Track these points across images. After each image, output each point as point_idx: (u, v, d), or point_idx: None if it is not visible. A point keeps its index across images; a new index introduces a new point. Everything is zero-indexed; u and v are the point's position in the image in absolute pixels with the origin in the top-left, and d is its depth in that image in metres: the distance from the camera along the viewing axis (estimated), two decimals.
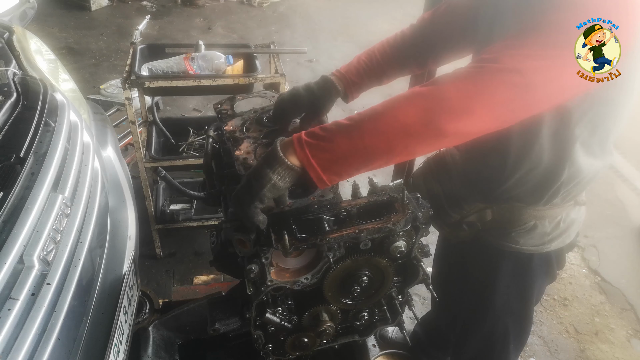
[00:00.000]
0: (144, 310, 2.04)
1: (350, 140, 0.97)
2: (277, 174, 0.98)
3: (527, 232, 1.37)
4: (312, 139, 0.98)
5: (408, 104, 0.96)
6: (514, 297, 1.52)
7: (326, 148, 0.97)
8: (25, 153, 1.40)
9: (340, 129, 0.98)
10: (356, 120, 0.98)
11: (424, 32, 1.43)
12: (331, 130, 0.99)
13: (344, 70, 1.43)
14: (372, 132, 0.96)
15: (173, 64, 2.32)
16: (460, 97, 0.92)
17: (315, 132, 1.00)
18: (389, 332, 2.22)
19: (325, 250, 1.07)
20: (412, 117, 0.94)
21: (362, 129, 0.97)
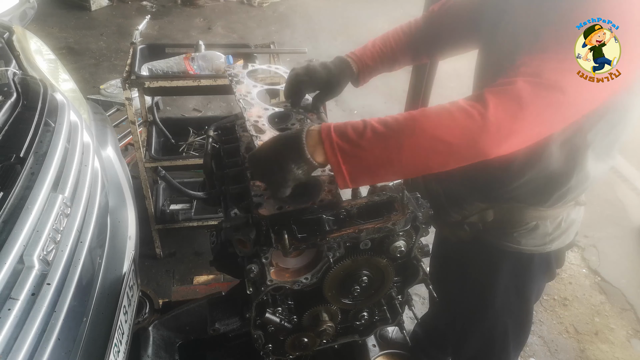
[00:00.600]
0: (144, 310, 2.04)
1: (386, 153, 0.94)
2: (301, 170, 0.99)
3: (528, 233, 1.37)
4: (346, 144, 0.95)
5: (453, 122, 0.92)
6: (514, 297, 1.52)
7: (360, 156, 0.95)
8: (25, 153, 1.40)
9: (377, 138, 0.94)
10: (394, 130, 0.94)
11: (432, 23, 1.44)
12: (366, 138, 0.94)
13: (359, 53, 1.42)
14: (411, 147, 0.94)
15: (173, 64, 2.32)
16: (507, 120, 0.90)
17: (348, 134, 0.95)
18: (389, 332, 2.22)
19: (325, 250, 1.07)
20: (457, 137, 0.92)
21: (400, 143, 0.93)
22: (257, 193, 1.15)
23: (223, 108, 4.58)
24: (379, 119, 0.97)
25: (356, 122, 0.97)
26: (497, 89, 0.93)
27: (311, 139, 0.98)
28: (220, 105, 4.62)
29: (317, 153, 0.97)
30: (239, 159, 1.33)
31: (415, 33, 1.44)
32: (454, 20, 1.40)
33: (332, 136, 0.95)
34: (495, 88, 0.93)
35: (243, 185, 1.23)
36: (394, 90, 4.66)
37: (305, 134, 0.98)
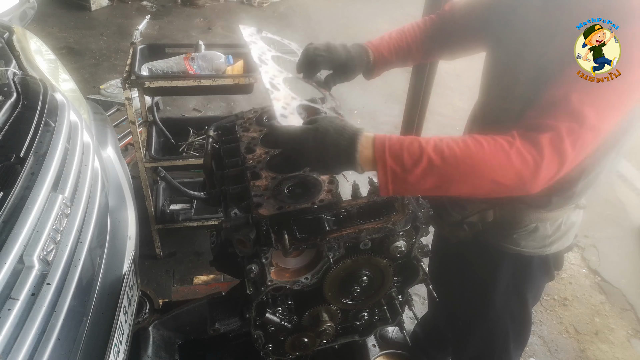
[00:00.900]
0: (144, 310, 2.04)
1: (437, 184, 0.97)
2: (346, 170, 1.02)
3: (528, 234, 1.36)
4: (399, 168, 0.96)
5: (509, 166, 0.95)
6: (514, 298, 1.52)
7: (410, 182, 0.97)
8: (25, 153, 1.40)
9: (431, 170, 0.95)
10: (451, 165, 0.95)
11: (445, 23, 1.44)
12: (421, 167, 0.95)
13: (376, 43, 1.40)
14: (463, 184, 0.98)
15: (173, 64, 2.32)
16: (557, 168, 0.97)
17: (404, 160, 0.95)
18: (389, 332, 2.22)
19: (325, 250, 1.07)
20: (509, 180, 0.96)
21: (453, 179, 0.97)
22: (257, 193, 1.15)
23: (223, 108, 4.58)
24: (436, 146, 0.96)
25: (412, 146, 0.96)
26: (550, 136, 0.96)
27: (364, 152, 0.97)
28: (220, 105, 4.62)
29: (368, 166, 0.98)
30: (239, 159, 1.33)
31: (430, 30, 1.43)
32: (463, 22, 1.40)
33: (386, 158, 0.96)
34: (548, 135, 0.96)
35: (243, 185, 1.23)
36: (394, 90, 4.66)
37: (359, 145, 0.97)
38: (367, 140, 0.97)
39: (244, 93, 3.08)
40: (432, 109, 2.73)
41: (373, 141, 0.97)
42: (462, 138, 0.99)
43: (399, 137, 0.99)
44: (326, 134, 0.96)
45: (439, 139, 0.99)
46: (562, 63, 1.03)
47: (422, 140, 0.98)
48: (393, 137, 0.99)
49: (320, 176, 1.19)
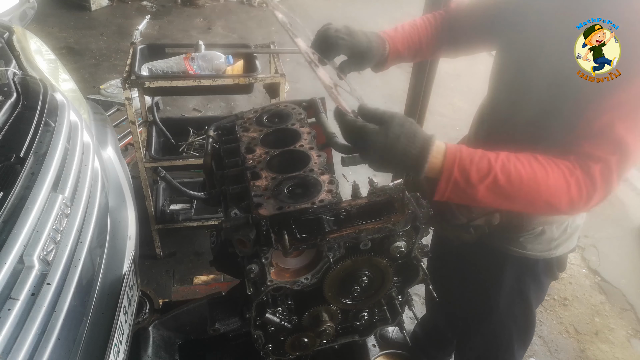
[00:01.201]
0: (144, 310, 2.04)
1: (496, 202, 1.02)
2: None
3: (534, 238, 1.35)
4: (463, 182, 0.98)
5: (566, 195, 1.01)
6: (517, 300, 1.51)
7: (469, 194, 1.00)
8: (25, 153, 1.40)
9: (495, 189, 0.99)
10: (515, 188, 0.99)
11: (455, 20, 1.41)
12: (485, 184, 0.98)
13: (392, 34, 1.35)
14: (519, 202, 1.03)
15: (173, 64, 2.32)
16: (604, 196, 1.02)
17: (470, 175, 0.98)
18: (389, 332, 2.22)
19: (325, 250, 1.07)
20: (563, 205, 1.02)
21: (511, 198, 1.01)
22: (257, 193, 1.15)
23: (223, 108, 4.58)
24: (504, 165, 0.99)
25: (481, 162, 0.99)
26: (601, 169, 1.00)
27: (433, 161, 0.98)
28: (220, 105, 4.62)
29: (431, 172, 0.99)
30: (239, 159, 1.33)
31: (439, 27, 1.40)
32: (472, 20, 1.38)
33: (453, 170, 0.98)
34: (599, 167, 1.00)
35: (243, 185, 1.23)
36: (394, 90, 4.66)
37: (430, 155, 0.97)
38: (439, 150, 0.98)
39: (244, 93, 3.08)
40: (432, 109, 2.73)
41: (445, 153, 0.98)
42: (528, 159, 1.01)
43: (469, 151, 1.00)
44: (397, 140, 0.94)
45: (506, 157, 1.01)
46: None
47: (492, 156, 1.00)
48: (464, 149, 1.00)
49: (320, 176, 1.19)
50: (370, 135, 0.95)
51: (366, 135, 0.95)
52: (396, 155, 0.95)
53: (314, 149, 1.28)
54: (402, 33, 1.36)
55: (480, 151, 1.02)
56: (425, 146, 0.96)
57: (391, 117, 0.96)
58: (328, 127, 1.39)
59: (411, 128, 0.97)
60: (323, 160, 1.24)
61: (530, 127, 1.20)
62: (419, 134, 0.97)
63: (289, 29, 1.26)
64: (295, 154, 1.28)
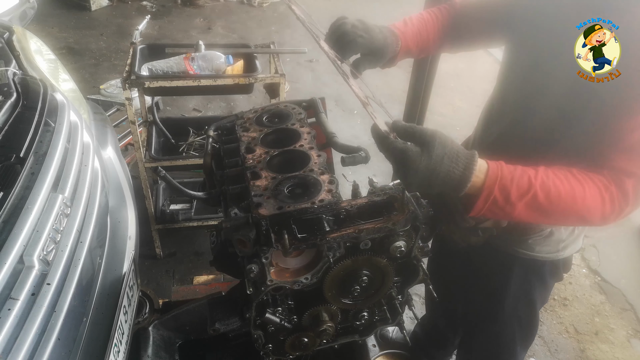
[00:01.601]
0: (144, 310, 2.04)
1: (531, 214, 1.02)
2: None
3: (543, 239, 1.34)
4: (502, 199, 0.97)
5: (600, 209, 1.02)
6: (523, 302, 1.50)
7: (506, 211, 1.00)
8: (25, 153, 1.40)
9: (533, 206, 0.99)
10: (553, 205, 1.00)
11: (463, 15, 1.37)
12: (524, 202, 0.98)
13: (402, 29, 1.30)
14: (554, 217, 1.05)
15: (173, 64, 2.32)
16: (634, 209, 1.04)
17: (510, 193, 0.97)
18: (389, 332, 2.22)
19: (325, 250, 1.07)
20: (596, 218, 1.04)
21: (548, 213, 1.02)
22: (257, 193, 1.15)
23: (223, 108, 4.58)
24: (543, 183, 0.98)
25: (522, 180, 0.98)
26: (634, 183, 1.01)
27: (475, 180, 0.95)
28: (220, 105, 4.62)
29: (471, 190, 0.97)
30: (239, 159, 1.33)
31: (446, 21, 1.36)
32: (482, 16, 1.34)
33: (494, 189, 0.96)
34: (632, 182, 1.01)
35: (243, 185, 1.23)
36: (394, 90, 4.66)
37: (473, 176, 0.95)
38: (481, 169, 0.96)
39: (244, 93, 3.08)
40: (432, 109, 2.73)
41: (487, 171, 0.96)
42: (565, 175, 1.02)
43: (510, 169, 0.99)
44: (441, 162, 0.91)
45: (545, 174, 1.00)
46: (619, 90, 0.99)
47: (532, 173, 0.99)
48: (505, 167, 0.99)
49: (320, 176, 1.19)
50: (414, 158, 0.90)
51: (409, 158, 0.90)
52: (439, 177, 0.92)
53: (314, 149, 1.28)
54: (412, 28, 1.32)
55: (520, 168, 1.00)
56: (468, 166, 0.94)
57: (432, 136, 0.91)
58: (328, 127, 1.39)
59: (453, 147, 0.93)
60: (323, 160, 1.24)
61: (546, 133, 1.17)
62: (461, 153, 0.94)
63: (312, 29, 1.18)
64: (295, 153, 1.28)
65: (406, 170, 0.91)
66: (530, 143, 1.21)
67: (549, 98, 1.14)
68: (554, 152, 1.17)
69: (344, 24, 1.19)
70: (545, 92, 1.15)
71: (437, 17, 1.37)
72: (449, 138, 0.95)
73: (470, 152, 0.96)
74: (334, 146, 1.34)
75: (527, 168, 1.01)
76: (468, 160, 0.94)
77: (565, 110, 1.11)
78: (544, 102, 1.16)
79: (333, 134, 1.36)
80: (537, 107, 1.18)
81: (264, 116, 1.44)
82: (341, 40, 1.18)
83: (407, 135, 0.93)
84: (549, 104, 1.15)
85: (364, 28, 1.20)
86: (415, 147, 0.91)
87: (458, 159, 0.93)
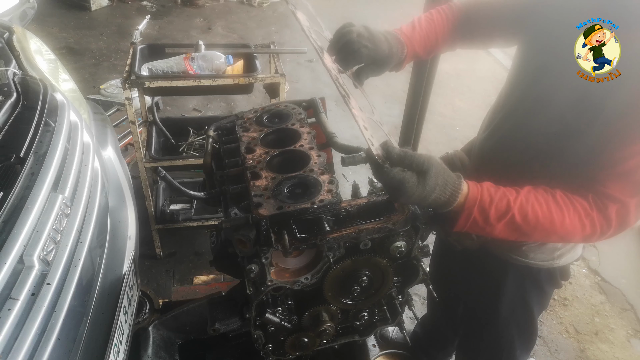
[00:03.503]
0: (144, 310, 2.04)
1: (510, 234, 1.07)
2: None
3: (537, 247, 1.33)
4: (482, 220, 1.04)
5: (582, 232, 1.06)
6: (519, 307, 1.50)
7: (486, 231, 1.06)
8: (25, 153, 1.40)
9: (511, 227, 1.05)
10: (531, 227, 1.05)
11: (470, 15, 1.35)
12: (503, 222, 1.04)
13: (409, 34, 1.28)
14: (534, 237, 1.09)
15: (173, 64, 2.32)
16: (618, 231, 1.07)
17: (490, 215, 1.03)
18: (389, 332, 2.22)
19: (325, 250, 1.07)
20: (576, 239, 1.10)
21: (527, 234, 1.08)
22: (257, 193, 1.15)
23: (223, 108, 4.58)
24: (522, 206, 1.04)
25: (501, 203, 1.04)
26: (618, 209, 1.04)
27: (457, 202, 1.02)
28: (220, 105, 4.62)
29: (454, 209, 1.03)
30: (239, 159, 1.33)
31: (457, 20, 1.35)
32: (493, 15, 1.32)
33: (473, 210, 1.03)
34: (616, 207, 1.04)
35: (243, 185, 1.23)
36: (394, 90, 4.66)
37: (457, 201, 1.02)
38: (463, 194, 1.03)
39: (244, 93, 3.08)
40: (432, 109, 2.73)
41: (467, 195, 1.03)
42: (546, 199, 1.06)
43: (490, 192, 1.04)
44: (432, 192, 0.98)
45: (525, 198, 1.05)
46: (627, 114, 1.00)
47: (511, 196, 1.05)
48: (485, 190, 1.04)
49: (320, 176, 1.19)
50: (409, 188, 0.95)
51: (405, 188, 0.95)
52: (427, 201, 1.00)
53: (314, 149, 1.28)
54: (420, 32, 1.30)
55: (501, 190, 1.06)
56: (454, 193, 1.01)
57: (428, 167, 0.96)
58: (328, 127, 1.39)
59: (444, 178, 0.99)
60: (323, 160, 1.24)
61: (547, 142, 1.17)
62: (450, 182, 1.00)
63: (315, 41, 1.15)
64: (295, 153, 1.29)
65: (399, 196, 0.98)
66: (531, 151, 1.20)
67: (553, 109, 1.13)
68: (555, 164, 1.17)
69: (350, 32, 1.16)
70: (550, 101, 1.14)
71: (447, 17, 1.35)
72: (441, 166, 1.00)
73: (457, 180, 1.02)
74: (334, 146, 1.34)
75: (510, 190, 1.06)
76: (455, 187, 1.01)
77: (569, 123, 1.10)
78: (547, 111, 1.14)
79: (333, 134, 1.36)
80: (540, 114, 1.16)
81: (264, 116, 1.44)
82: (345, 50, 1.16)
83: (403, 164, 0.96)
84: (551, 114, 1.13)
85: (369, 37, 1.17)
86: (412, 177, 0.95)
87: (446, 187, 1.00)
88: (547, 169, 1.18)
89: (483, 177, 1.37)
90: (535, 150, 1.19)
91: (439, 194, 0.99)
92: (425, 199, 0.98)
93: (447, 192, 1.00)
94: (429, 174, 0.96)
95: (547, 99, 1.15)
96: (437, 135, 4.25)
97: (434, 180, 0.97)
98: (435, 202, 1.00)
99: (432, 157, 0.98)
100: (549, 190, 1.08)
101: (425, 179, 0.96)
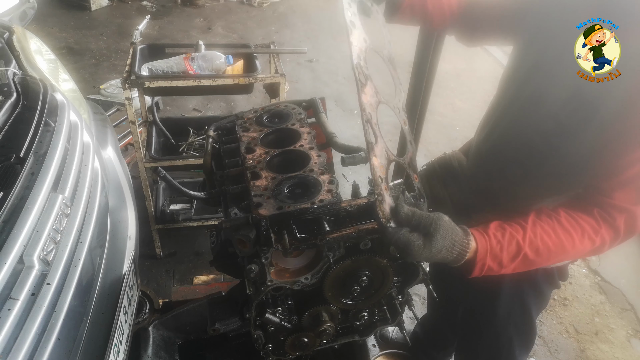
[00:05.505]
0: (144, 310, 2.04)
1: (524, 269, 1.10)
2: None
3: None
4: (495, 265, 1.06)
5: (590, 248, 1.09)
6: (518, 307, 1.50)
7: (501, 272, 1.08)
8: (25, 153, 1.40)
9: (524, 263, 1.08)
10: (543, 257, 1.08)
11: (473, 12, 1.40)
12: (516, 262, 1.07)
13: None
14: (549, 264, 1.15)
15: (173, 64, 2.32)
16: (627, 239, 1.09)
17: (502, 260, 1.05)
18: (389, 332, 2.22)
19: (325, 250, 1.07)
20: (586, 254, 1.14)
21: (540, 265, 1.11)
22: (257, 193, 1.15)
23: (223, 108, 4.58)
24: (531, 242, 1.06)
25: (511, 246, 1.06)
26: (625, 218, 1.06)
27: (467, 258, 1.03)
28: (220, 105, 4.62)
29: (466, 262, 1.04)
30: (239, 159, 1.33)
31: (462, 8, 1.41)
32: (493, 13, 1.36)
33: (486, 261, 1.05)
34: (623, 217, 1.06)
35: (243, 185, 1.23)
36: None
37: (465, 258, 1.03)
38: (472, 250, 1.03)
39: (244, 93, 3.08)
40: (432, 109, 2.73)
41: (476, 250, 1.03)
42: (554, 228, 1.07)
43: (497, 237, 1.06)
44: (438, 253, 0.98)
45: (533, 232, 1.07)
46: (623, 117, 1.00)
47: (519, 235, 1.07)
48: (492, 238, 1.05)
49: (320, 176, 1.19)
50: (415, 251, 0.96)
51: (411, 250, 0.96)
52: (434, 259, 1.00)
53: (314, 149, 1.28)
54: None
55: (508, 232, 1.07)
56: (462, 252, 1.02)
57: (435, 230, 0.96)
58: (328, 127, 1.39)
59: (452, 239, 0.99)
60: (323, 160, 1.24)
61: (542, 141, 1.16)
62: (457, 242, 1.00)
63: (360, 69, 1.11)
64: (295, 153, 1.29)
65: (407, 255, 0.99)
66: (526, 149, 1.20)
67: (546, 106, 1.13)
68: (551, 163, 1.16)
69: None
70: (544, 98, 1.14)
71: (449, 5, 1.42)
72: (449, 226, 0.99)
73: (465, 239, 1.02)
74: (334, 146, 1.34)
75: (515, 228, 1.07)
76: (462, 247, 1.01)
77: (563, 121, 1.10)
78: (541, 109, 1.15)
79: (333, 134, 1.36)
80: (534, 112, 1.17)
81: (264, 116, 1.44)
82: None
83: (410, 225, 0.97)
84: (545, 112, 1.14)
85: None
86: (418, 239, 0.96)
87: (454, 248, 1.00)
88: (543, 168, 1.18)
89: (480, 177, 1.38)
90: (530, 147, 1.19)
91: (445, 255, 0.99)
92: (432, 259, 1.00)
93: (454, 252, 1.01)
94: (435, 236, 0.96)
95: (540, 96, 1.15)
96: (437, 135, 4.26)
97: (441, 243, 0.97)
98: (443, 261, 1.01)
99: (440, 218, 0.98)
100: (553, 214, 1.10)
101: (431, 241, 0.96)
